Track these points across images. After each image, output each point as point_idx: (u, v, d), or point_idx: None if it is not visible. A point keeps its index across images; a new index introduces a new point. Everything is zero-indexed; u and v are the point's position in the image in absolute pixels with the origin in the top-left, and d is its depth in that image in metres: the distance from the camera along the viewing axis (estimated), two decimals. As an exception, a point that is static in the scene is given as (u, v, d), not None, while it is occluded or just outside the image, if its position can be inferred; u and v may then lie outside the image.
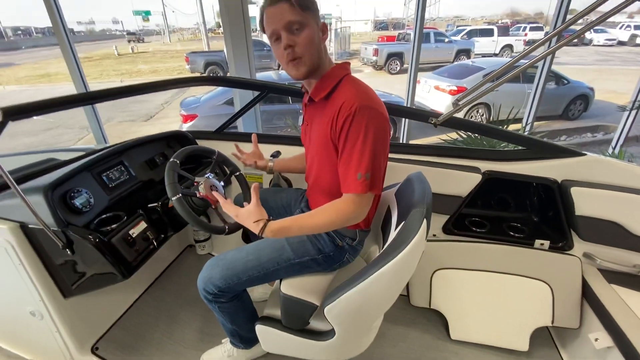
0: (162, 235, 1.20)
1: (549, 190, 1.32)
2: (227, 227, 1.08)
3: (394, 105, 1.43)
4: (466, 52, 12.16)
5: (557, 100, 6.07)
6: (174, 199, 0.99)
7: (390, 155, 1.40)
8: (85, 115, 2.64)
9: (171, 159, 1.05)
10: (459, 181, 1.33)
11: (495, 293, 1.36)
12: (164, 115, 7.76)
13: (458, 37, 13.59)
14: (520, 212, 1.50)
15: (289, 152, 1.52)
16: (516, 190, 1.49)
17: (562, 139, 5.36)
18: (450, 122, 1.29)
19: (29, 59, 19.11)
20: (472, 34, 13.89)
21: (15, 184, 0.89)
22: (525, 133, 3.11)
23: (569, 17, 2.59)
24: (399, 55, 11.70)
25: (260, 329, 1.05)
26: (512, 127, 2.79)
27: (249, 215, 0.86)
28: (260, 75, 5.99)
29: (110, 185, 1.21)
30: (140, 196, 1.28)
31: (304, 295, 0.98)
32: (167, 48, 23.03)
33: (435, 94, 6.11)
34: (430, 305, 1.46)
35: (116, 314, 1.41)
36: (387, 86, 8.86)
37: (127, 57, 18.73)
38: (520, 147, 1.37)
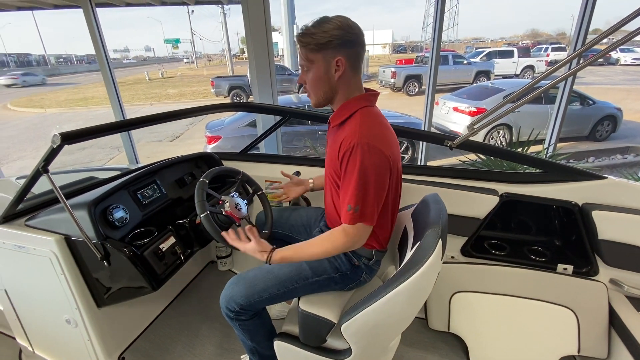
0: (189, 250, 1.27)
1: (570, 213, 1.30)
2: None
3: (409, 129, 1.48)
4: (485, 74, 12.15)
5: (583, 121, 5.92)
6: (202, 215, 1.07)
7: (407, 177, 1.44)
8: (120, 136, 2.84)
9: (201, 179, 1.13)
10: (476, 203, 1.34)
11: (517, 318, 1.33)
12: (189, 136, 8.13)
13: (477, 59, 13.63)
14: (541, 236, 1.48)
15: (309, 172, 1.59)
16: (536, 213, 1.48)
17: (589, 161, 5.18)
18: (466, 145, 1.31)
19: (68, 84, 20.69)
20: (491, 55, 13.91)
21: (65, 200, 0.99)
22: (547, 154, 3.05)
23: (591, 36, 2.60)
24: (417, 78, 11.85)
25: (278, 345, 1.08)
26: (533, 149, 2.77)
27: (254, 249, 1.00)
28: (282, 99, 6.23)
29: (144, 202, 1.31)
30: (170, 213, 1.37)
31: (322, 312, 1.01)
32: (194, 73, 24.34)
33: (454, 115, 6.10)
34: (449, 329, 1.43)
35: (142, 326, 1.48)
36: (405, 108, 8.93)
37: (157, 81, 19.92)
38: (538, 170, 1.37)
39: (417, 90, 11.80)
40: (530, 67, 13.56)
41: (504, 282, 1.35)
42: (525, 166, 2.31)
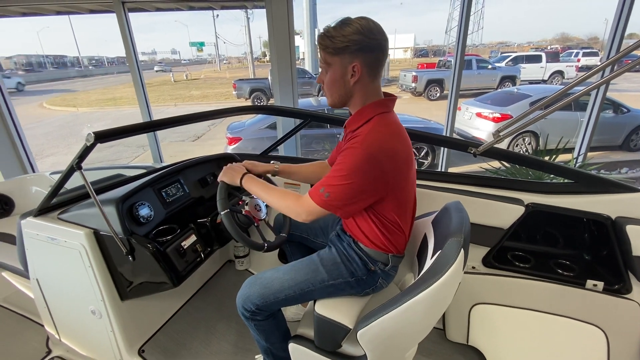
0: (209, 249, 1.30)
1: (602, 227, 1.24)
2: (266, 245, 1.15)
3: (432, 135, 1.46)
4: (511, 79, 11.80)
5: (616, 130, 5.63)
6: (222, 213, 1.09)
7: (428, 183, 1.41)
8: (146, 136, 2.94)
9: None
10: (500, 212, 1.30)
11: (541, 334, 1.27)
12: (210, 137, 8.32)
13: (502, 64, 13.26)
14: (569, 249, 1.41)
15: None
16: (564, 225, 1.41)
17: (623, 172, 4.92)
18: (491, 152, 1.28)
19: (99, 85, 21.69)
20: (517, 60, 13.49)
21: (95, 196, 1.04)
22: (577, 164, 2.92)
23: (627, 42, 2.47)
24: (439, 82, 11.66)
25: (293, 348, 1.08)
26: (561, 158, 2.66)
27: (229, 167, 1.16)
28: (302, 101, 6.28)
29: (168, 200, 1.35)
30: (192, 211, 1.40)
31: (337, 317, 1.00)
32: (217, 75, 24.95)
33: (476, 121, 5.95)
34: (467, 342, 1.39)
35: (161, 321, 1.52)
36: (426, 112, 8.80)
37: (182, 83, 20.56)
38: (567, 180, 1.32)
39: (438, 95, 11.61)
40: (559, 73, 13.05)
41: (528, 295, 1.30)
42: (552, 176, 2.22)
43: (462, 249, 0.78)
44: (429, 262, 0.93)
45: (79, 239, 1.14)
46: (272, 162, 1.33)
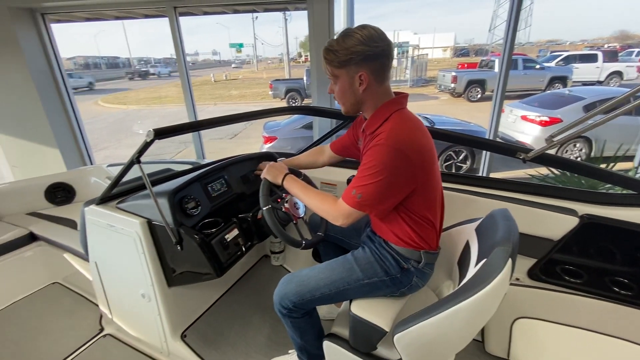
0: (249, 243, 1.35)
1: None
2: (303, 242, 1.17)
3: (478, 139, 1.41)
4: (561, 80, 10.98)
5: (685, 137, 5.06)
6: (264, 208, 1.13)
7: (472, 189, 1.37)
8: (191, 134, 3.11)
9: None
10: (550, 223, 1.23)
11: (590, 355, 1.18)
12: (247, 135, 8.60)
13: (552, 64, 12.39)
14: (628, 266, 1.30)
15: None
16: (623, 239, 1.30)
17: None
18: (543, 159, 1.21)
19: (147, 84, 23.17)
20: (569, 59, 12.53)
21: (152, 189, 1.12)
22: (639, 174, 2.67)
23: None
24: (480, 83, 11.15)
25: (327, 346, 1.10)
26: (619, 166, 2.44)
27: (272, 166, 1.21)
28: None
29: (213, 195, 1.42)
30: (234, 206, 1.47)
31: (373, 319, 1.00)
32: (255, 76, 25.68)
33: (521, 125, 5.62)
34: (508, 357, 1.33)
35: (202, 308, 1.60)
36: (465, 114, 8.45)
37: (221, 83, 21.41)
38: (628, 191, 1.21)
39: (479, 96, 11.10)
40: (618, 74, 11.92)
41: (578, 313, 1.21)
42: (608, 185, 2.05)
43: (509, 259, 0.75)
44: (472, 271, 0.90)
45: (134, 227, 1.24)
46: (279, 159, 1.43)
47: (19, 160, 3.13)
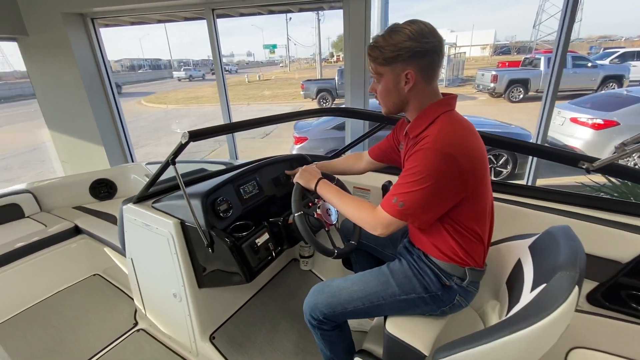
0: (279, 248, 1.32)
1: None
2: (336, 251, 1.12)
3: (534, 146, 1.28)
4: (617, 79, 10.04)
5: None
6: (296, 214, 1.09)
7: (522, 200, 1.24)
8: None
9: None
10: (617, 242, 1.08)
11: None
12: (277, 135, 8.70)
13: (605, 61, 11.37)
14: None
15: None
16: None
17: None
18: (611, 169, 1.07)
19: (185, 85, 24.25)
20: (626, 57, 11.44)
21: (185, 190, 1.12)
22: None
23: None
24: (523, 82, 10.48)
25: None
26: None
27: (305, 169, 1.18)
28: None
29: (245, 197, 1.40)
30: (265, 208, 1.45)
31: (411, 340, 0.92)
32: (287, 76, 26.04)
33: (570, 128, 5.19)
34: None
35: (231, 310, 1.60)
36: (505, 115, 7.98)
37: (255, 83, 21.92)
38: None
39: (521, 96, 10.44)
40: (685, 72, 10.72)
41: None
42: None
43: (575, 287, 0.65)
44: (527, 295, 0.80)
45: (168, 227, 1.25)
46: (313, 163, 1.39)
47: (68, 156, 3.35)
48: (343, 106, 2.30)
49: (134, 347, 1.55)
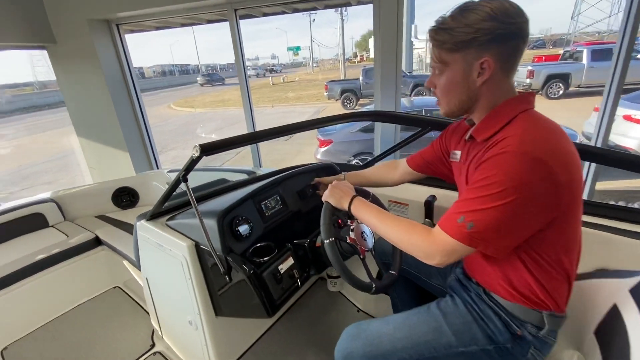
0: (305, 274, 1.15)
1: None
2: (374, 286, 0.93)
3: (592, 149, 1.04)
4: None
5: None
6: (326, 242, 0.91)
7: (612, 224, 0.98)
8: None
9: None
10: None
11: None
12: (300, 136, 8.57)
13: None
14: None
15: (445, 198, 1.29)
16: None
17: None
18: None
19: (212, 89, 24.86)
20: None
21: (198, 209, 0.98)
22: None
23: None
24: (563, 77, 9.74)
25: None
26: None
27: (337, 185, 0.99)
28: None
29: (267, 214, 1.25)
30: (289, 226, 1.28)
31: None
32: (310, 77, 26.04)
33: (624, 126, 4.67)
34: None
35: (252, 338, 1.45)
36: (546, 114, 7.39)
37: (279, 86, 22.09)
38: None
39: (561, 92, 9.71)
40: None
41: None
42: None
43: None
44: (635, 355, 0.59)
45: (182, 250, 1.11)
46: (342, 174, 1.27)
47: (96, 162, 3.38)
48: (370, 108, 2.10)
49: None
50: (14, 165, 8.69)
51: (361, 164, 1.67)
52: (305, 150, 7.51)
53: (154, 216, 1.26)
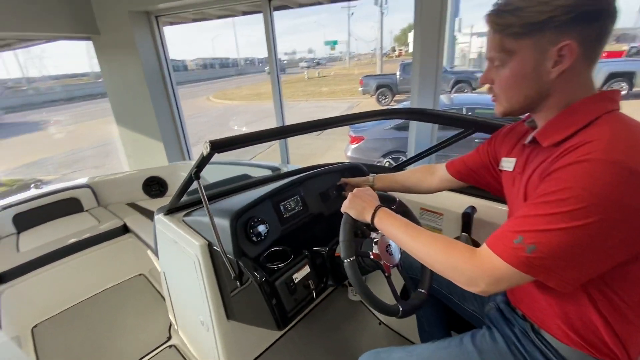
0: (322, 285, 1.05)
1: None
2: (401, 309, 0.82)
3: None
4: None
5: None
6: (347, 261, 0.81)
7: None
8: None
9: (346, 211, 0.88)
10: None
11: None
12: (332, 132, 8.43)
13: None
14: None
15: (486, 211, 1.13)
16: None
17: None
18: None
19: (249, 82, 25.41)
20: None
21: (209, 209, 0.91)
22: None
23: None
24: (627, 76, 8.74)
25: None
26: None
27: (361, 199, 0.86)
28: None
29: (285, 216, 1.17)
30: (308, 229, 1.20)
31: None
32: (346, 72, 25.72)
33: None
34: None
35: (265, 344, 1.39)
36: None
37: (314, 80, 22.05)
38: None
39: (624, 92, 8.72)
40: None
41: None
42: None
43: None
44: None
45: (195, 249, 1.06)
46: (370, 176, 1.16)
47: (133, 151, 3.51)
48: (406, 105, 1.94)
49: None
50: (67, 149, 9.43)
51: (394, 164, 1.53)
52: (336, 147, 7.39)
53: (171, 211, 1.23)
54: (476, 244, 1.17)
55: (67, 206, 2.13)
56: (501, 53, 0.60)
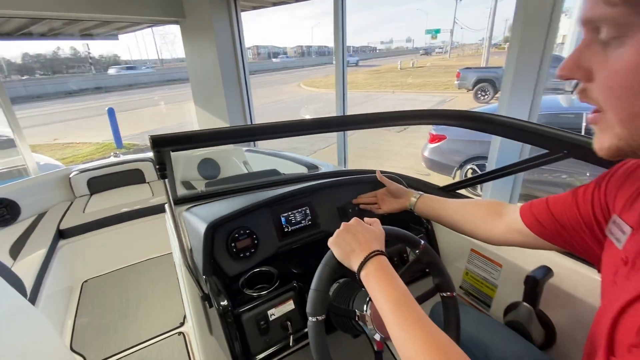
0: (306, 330, 0.83)
1: None
2: None
3: None
4: None
5: None
6: (311, 320, 0.58)
7: None
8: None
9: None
10: None
11: None
12: (417, 129, 7.74)
13: None
14: None
15: (571, 276, 0.74)
16: None
17: None
18: None
19: (321, 71, 25.46)
20: None
21: (174, 213, 0.78)
22: None
23: None
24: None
25: None
26: None
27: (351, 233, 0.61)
28: (545, 100, 4.53)
29: (286, 230, 0.97)
30: (312, 253, 0.97)
31: None
32: (444, 63, 23.62)
33: None
34: None
35: None
36: None
37: (407, 70, 20.84)
38: None
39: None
40: None
41: None
42: None
43: None
44: None
45: (175, 249, 0.95)
46: (414, 195, 0.88)
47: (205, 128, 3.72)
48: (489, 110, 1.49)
49: (169, 350, 1.42)
50: (175, 122, 10.84)
51: (478, 171, 1.15)
52: (415, 144, 6.77)
53: (177, 201, 1.15)
54: (544, 321, 0.79)
55: (132, 176, 2.32)
56: (615, 28, 0.29)
